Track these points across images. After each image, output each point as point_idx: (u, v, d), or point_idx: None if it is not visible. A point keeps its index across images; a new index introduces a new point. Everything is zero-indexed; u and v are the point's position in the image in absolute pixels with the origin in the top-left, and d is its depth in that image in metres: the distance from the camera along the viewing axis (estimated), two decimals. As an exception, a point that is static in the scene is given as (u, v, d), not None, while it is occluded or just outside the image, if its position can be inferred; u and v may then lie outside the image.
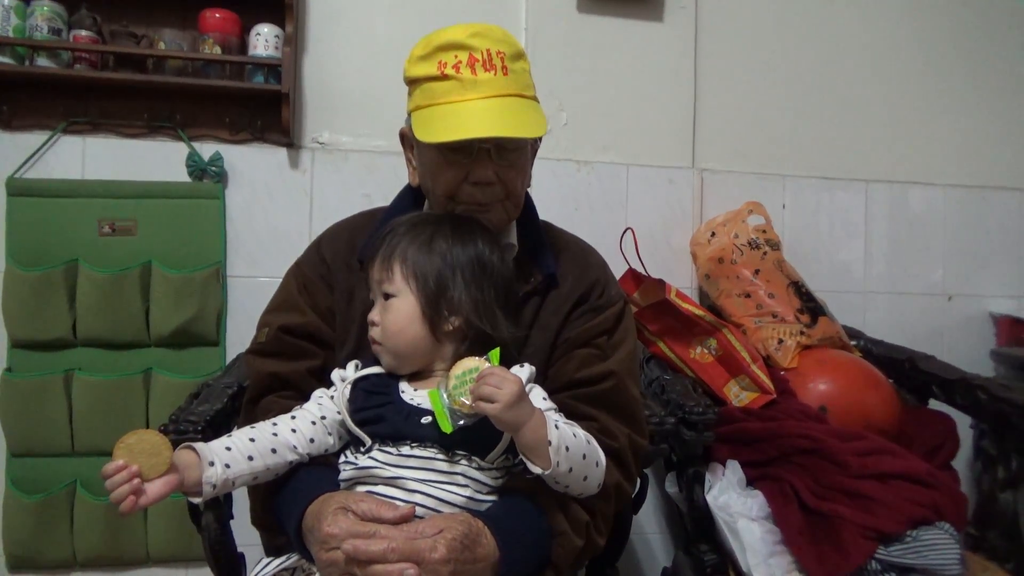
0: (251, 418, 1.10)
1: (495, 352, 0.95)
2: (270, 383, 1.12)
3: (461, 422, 0.91)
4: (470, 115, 1.02)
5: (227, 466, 0.94)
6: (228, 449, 0.96)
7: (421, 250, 1.02)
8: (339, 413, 1.02)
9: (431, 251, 1.02)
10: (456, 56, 1.04)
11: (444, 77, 1.04)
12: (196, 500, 0.94)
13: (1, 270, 1.77)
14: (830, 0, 2.22)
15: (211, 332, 1.86)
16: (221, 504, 1.27)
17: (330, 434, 1.03)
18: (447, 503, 0.94)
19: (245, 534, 1.27)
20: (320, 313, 1.16)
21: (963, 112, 2.31)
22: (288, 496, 0.99)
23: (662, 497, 2.00)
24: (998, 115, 2.32)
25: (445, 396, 0.91)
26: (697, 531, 1.48)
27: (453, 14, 1.35)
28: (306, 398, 1.08)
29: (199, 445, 0.94)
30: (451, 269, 1.01)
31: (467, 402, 0.89)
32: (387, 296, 1.02)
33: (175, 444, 1.17)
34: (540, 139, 1.19)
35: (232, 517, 1.28)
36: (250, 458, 0.96)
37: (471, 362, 0.92)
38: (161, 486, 0.88)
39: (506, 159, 1.09)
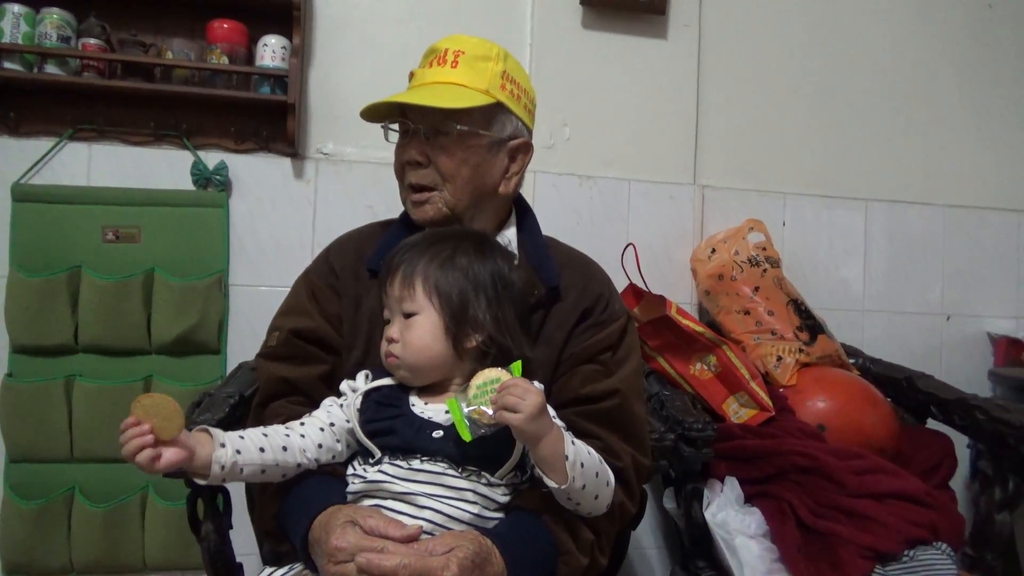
0: (259, 422, 1.10)
1: (517, 364, 0.94)
2: (280, 388, 1.13)
3: (481, 431, 0.91)
4: (393, 96, 1.13)
5: (238, 452, 0.94)
6: (241, 438, 0.97)
7: (444, 267, 1.03)
8: (348, 422, 1.03)
9: (454, 267, 1.03)
10: (429, 59, 1.17)
11: (411, 77, 1.18)
12: (202, 482, 0.94)
13: (5, 275, 1.78)
14: (833, 21, 2.25)
15: (212, 340, 1.86)
16: (220, 513, 1.27)
17: (338, 441, 1.03)
18: (455, 520, 0.94)
19: (244, 544, 1.28)
20: (329, 319, 1.17)
21: (962, 134, 2.33)
22: (295, 505, 0.99)
23: (660, 513, 2.00)
24: (996, 138, 2.35)
25: (465, 405, 0.91)
26: (695, 548, 1.49)
27: (458, 28, 1.36)
28: (315, 404, 1.09)
29: (212, 428, 0.95)
30: (473, 285, 1.03)
31: (489, 411, 0.89)
32: (408, 315, 1.02)
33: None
34: (521, 143, 1.20)
35: (231, 527, 1.28)
36: (261, 449, 0.97)
37: (492, 373, 0.92)
38: (174, 455, 0.89)
39: (437, 143, 1.13)
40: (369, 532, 0.88)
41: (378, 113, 1.18)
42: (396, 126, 1.20)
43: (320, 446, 1.02)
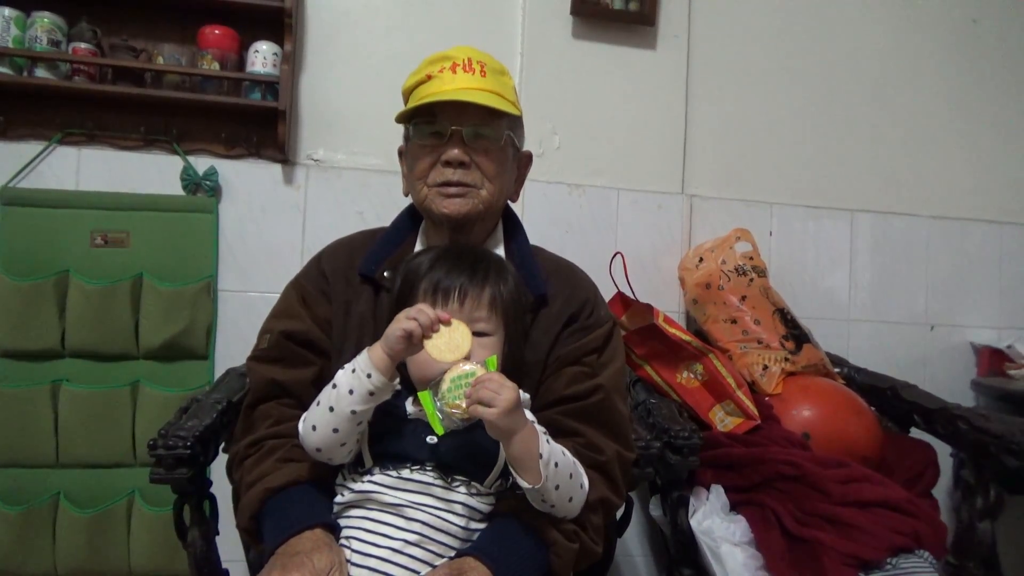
0: (249, 424, 1.12)
1: (492, 359, 0.95)
2: (270, 390, 1.13)
3: (455, 425, 0.92)
4: (442, 94, 1.12)
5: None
6: None
7: (510, 291, 1.06)
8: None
9: (515, 289, 1.07)
10: (441, 65, 1.16)
11: (428, 79, 1.16)
12: (361, 407, 0.95)
13: (-9, 279, 1.77)
14: (820, 34, 2.27)
15: (200, 346, 1.86)
16: (207, 519, 1.27)
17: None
18: (443, 532, 0.95)
19: (230, 550, 1.27)
20: (319, 323, 1.18)
21: (946, 146, 2.36)
22: (276, 515, 1.00)
23: (646, 520, 2.01)
24: (981, 150, 2.38)
25: (438, 400, 0.92)
26: (681, 555, 1.49)
27: (449, 37, 1.38)
28: (304, 406, 1.09)
29: None
30: (522, 309, 1.10)
31: (463, 404, 0.90)
32: (482, 334, 1.02)
33: (163, 459, 1.18)
34: (526, 154, 1.28)
35: (218, 533, 1.28)
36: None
37: (467, 367, 0.92)
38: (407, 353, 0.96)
39: (479, 144, 1.15)
40: None
41: (403, 114, 1.18)
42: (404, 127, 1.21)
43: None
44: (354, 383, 0.94)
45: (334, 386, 0.97)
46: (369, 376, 0.94)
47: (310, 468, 1.03)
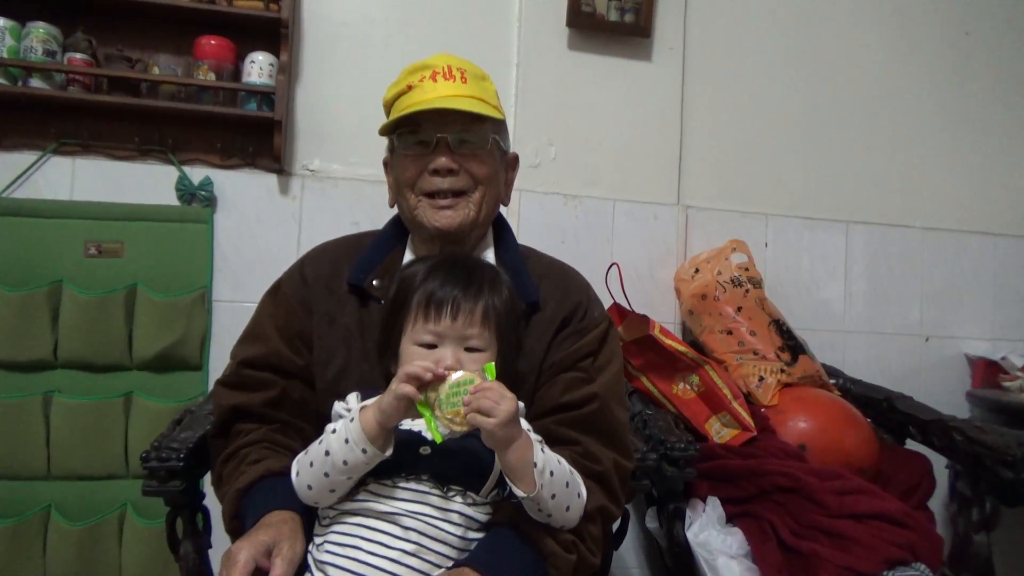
0: (220, 453, 1.12)
1: (490, 366, 0.94)
2: (231, 416, 1.13)
3: (454, 434, 0.92)
4: (425, 103, 1.12)
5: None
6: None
7: (504, 304, 1.04)
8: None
9: (511, 303, 1.06)
10: (421, 74, 1.15)
11: (409, 89, 1.15)
12: (371, 460, 0.94)
13: (-16, 289, 1.76)
14: (814, 46, 2.29)
15: (194, 356, 1.85)
16: (200, 532, 1.26)
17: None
18: (440, 541, 0.94)
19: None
20: (287, 339, 1.16)
21: (941, 158, 2.37)
22: (248, 512, 1.01)
23: (642, 533, 2.00)
24: (975, 162, 2.39)
25: (436, 408, 0.91)
26: (677, 568, 1.49)
27: (444, 48, 1.37)
28: (267, 422, 1.11)
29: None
30: (516, 321, 1.08)
31: (462, 411, 0.89)
32: (474, 349, 1.01)
33: (156, 471, 1.18)
34: (512, 156, 1.27)
35: (211, 546, 1.27)
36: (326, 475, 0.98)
37: (465, 375, 0.92)
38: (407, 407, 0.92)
39: (465, 150, 1.14)
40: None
41: (387, 125, 1.17)
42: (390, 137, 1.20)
43: None
44: (348, 456, 0.93)
45: (327, 453, 0.94)
46: (364, 451, 0.92)
47: (277, 462, 1.05)
